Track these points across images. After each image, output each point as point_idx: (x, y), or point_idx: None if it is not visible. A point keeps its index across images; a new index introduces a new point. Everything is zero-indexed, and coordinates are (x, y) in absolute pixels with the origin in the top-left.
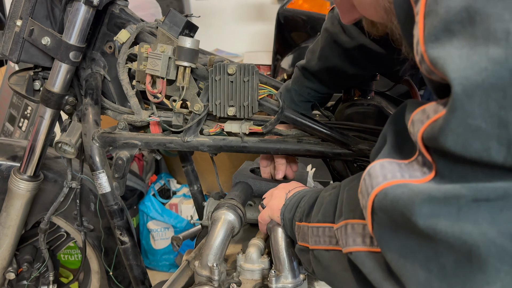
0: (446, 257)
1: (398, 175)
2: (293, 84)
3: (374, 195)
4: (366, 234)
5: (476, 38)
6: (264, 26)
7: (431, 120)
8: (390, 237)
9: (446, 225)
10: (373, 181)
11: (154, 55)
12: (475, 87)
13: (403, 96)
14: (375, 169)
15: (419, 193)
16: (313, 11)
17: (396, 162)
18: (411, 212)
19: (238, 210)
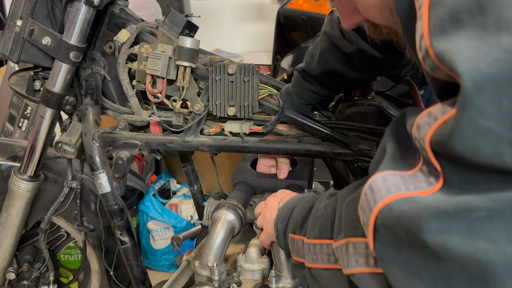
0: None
1: (402, 187)
2: (294, 87)
3: (378, 211)
4: (370, 254)
5: (487, 27)
6: (264, 26)
7: (440, 122)
8: (394, 257)
9: (458, 242)
10: (375, 196)
11: (154, 55)
12: (487, 80)
13: (404, 96)
14: (377, 182)
15: (427, 206)
16: (313, 11)
17: (399, 174)
18: (419, 228)
19: (238, 210)
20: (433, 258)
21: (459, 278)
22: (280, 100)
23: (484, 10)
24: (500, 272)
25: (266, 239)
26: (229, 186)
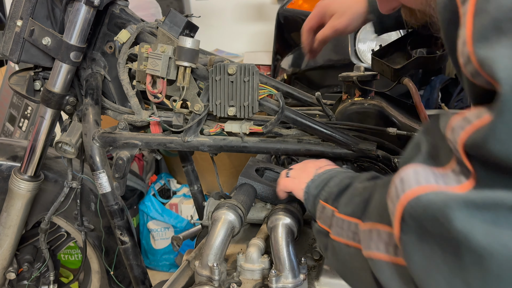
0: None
1: (432, 181)
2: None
3: (406, 201)
4: (391, 242)
5: None
6: (264, 26)
7: (475, 126)
8: (417, 247)
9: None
10: (405, 185)
11: (155, 55)
12: None
13: (404, 96)
14: (408, 174)
15: (455, 197)
16: None
17: (430, 170)
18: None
19: (238, 210)
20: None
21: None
22: (280, 100)
23: None
24: None
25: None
26: (229, 186)
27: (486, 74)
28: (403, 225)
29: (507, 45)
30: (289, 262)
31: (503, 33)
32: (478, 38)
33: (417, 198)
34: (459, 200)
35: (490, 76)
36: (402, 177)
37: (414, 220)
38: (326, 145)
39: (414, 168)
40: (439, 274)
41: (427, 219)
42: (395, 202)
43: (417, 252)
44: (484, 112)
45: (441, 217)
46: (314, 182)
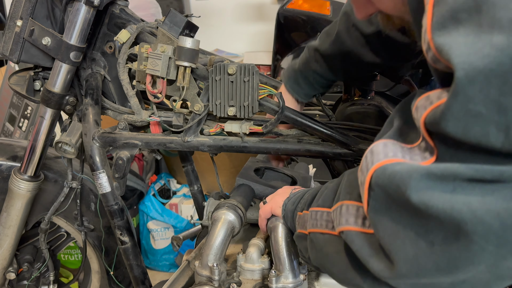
0: (435, 234)
1: (399, 155)
2: (300, 64)
3: (373, 171)
4: (359, 215)
5: (482, 26)
6: (264, 26)
7: (434, 105)
8: (384, 213)
9: (438, 201)
10: (374, 158)
11: (155, 55)
12: (477, 72)
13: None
14: (377, 147)
15: (418, 168)
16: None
17: (399, 144)
18: (406, 186)
19: (238, 210)
20: (416, 215)
21: (436, 233)
22: (280, 100)
23: (480, 10)
24: (470, 230)
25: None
26: (229, 186)
27: (443, 59)
28: (371, 193)
29: (464, 33)
30: (289, 262)
31: (460, 23)
32: (437, 26)
33: (383, 168)
34: (421, 171)
35: (447, 61)
36: (372, 149)
37: (380, 188)
38: (326, 145)
39: (384, 142)
40: (406, 236)
41: (392, 187)
42: (365, 173)
43: (384, 217)
44: (444, 93)
45: (403, 186)
46: (291, 200)
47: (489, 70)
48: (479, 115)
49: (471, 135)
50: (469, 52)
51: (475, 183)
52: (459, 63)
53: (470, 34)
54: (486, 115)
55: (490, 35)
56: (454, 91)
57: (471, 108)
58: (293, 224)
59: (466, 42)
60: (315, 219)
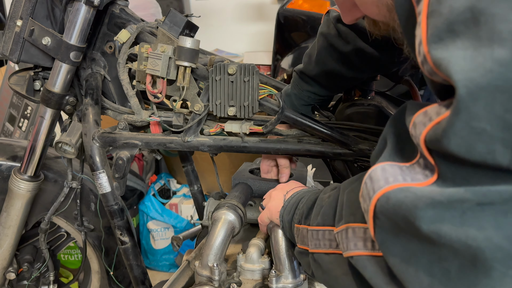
0: (450, 262)
1: (400, 178)
2: (293, 88)
3: (376, 199)
4: (368, 238)
5: (480, 39)
6: (264, 26)
7: (434, 122)
8: (393, 241)
9: (450, 229)
10: (374, 185)
11: (155, 55)
12: (480, 89)
13: (403, 96)
14: (376, 172)
15: (422, 197)
16: (313, 11)
17: (397, 165)
18: (414, 216)
19: (238, 210)
20: (428, 243)
21: (452, 261)
22: (280, 100)
23: (478, 22)
24: (488, 257)
25: (266, 218)
26: (229, 186)
27: (442, 74)
28: (376, 221)
29: (462, 46)
30: (289, 262)
31: (457, 35)
32: (432, 39)
33: (386, 197)
34: (426, 200)
35: (446, 76)
36: (371, 176)
37: (386, 217)
38: (326, 145)
39: (382, 166)
40: (418, 264)
41: (398, 217)
42: (367, 201)
43: (394, 245)
44: (443, 109)
45: (411, 216)
46: (286, 209)
47: (494, 87)
48: (483, 132)
49: (475, 153)
50: (469, 68)
51: (485, 206)
52: (460, 80)
53: (469, 47)
54: (491, 132)
55: (490, 49)
56: (456, 109)
57: (474, 126)
58: (291, 235)
59: (465, 56)
60: (317, 239)
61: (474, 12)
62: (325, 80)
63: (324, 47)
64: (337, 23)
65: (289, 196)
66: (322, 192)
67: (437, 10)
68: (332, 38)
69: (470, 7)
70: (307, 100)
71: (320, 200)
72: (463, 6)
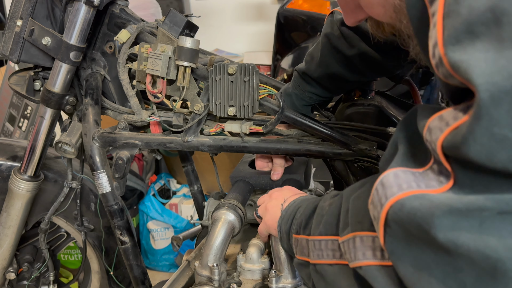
0: (467, 273)
1: (413, 184)
2: (293, 88)
3: (389, 206)
4: (377, 247)
5: (503, 40)
6: (264, 26)
7: (452, 127)
8: (404, 251)
9: (468, 238)
10: (387, 191)
11: (155, 55)
12: (504, 93)
13: (404, 96)
14: (388, 178)
15: (440, 204)
16: (313, 11)
17: (410, 171)
18: (430, 224)
19: (238, 210)
20: (443, 253)
21: (468, 272)
22: (280, 100)
23: (500, 23)
24: (509, 268)
25: (264, 230)
26: (229, 186)
27: (460, 77)
28: (387, 229)
29: (482, 49)
30: (289, 262)
31: (477, 37)
32: (450, 40)
33: (400, 204)
34: (443, 207)
35: (465, 80)
36: (383, 182)
37: (399, 225)
38: (326, 145)
39: (394, 172)
40: (431, 275)
41: (412, 225)
42: (378, 208)
43: (406, 255)
44: (460, 113)
45: (426, 224)
46: (283, 219)
47: None
48: (505, 139)
49: (496, 160)
50: (491, 71)
51: (506, 215)
52: (482, 84)
53: (490, 49)
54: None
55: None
56: (477, 114)
57: (496, 132)
58: (289, 245)
59: (486, 59)
60: (320, 250)
61: (495, 12)
62: (327, 82)
63: (328, 49)
64: (341, 26)
65: (286, 205)
66: (321, 201)
67: (455, 10)
68: (336, 41)
69: (492, 7)
70: (308, 100)
71: (320, 209)
72: (484, 6)
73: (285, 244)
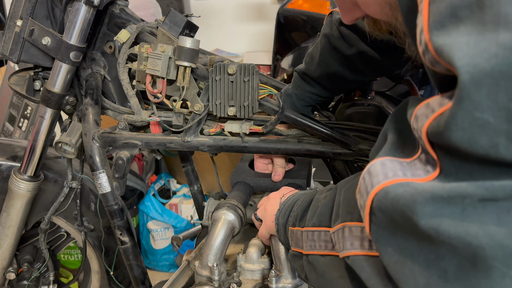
0: (448, 261)
1: (400, 173)
2: (294, 88)
3: (374, 194)
4: (365, 237)
5: (485, 23)
6: (264, 26)
7: (436, 113)
8: (388, 239)
9: (450, 225)
10: (373, 180)
11: (155, 55)
12: (484, 75)
13: (404, 96)
14: (375, 167)
15: (422, 191)
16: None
17: (397, 161)
18: (413, 211)
19: (238, 210)
20: (425, 241)
21: (450, 260)
22: (280, 100)
23: (483, 6)
24: (489, 256)
25: (265, 232)
26: (229, 186)
27: (444, 61)
28: (373, 217)
29: (465, 32)
30: (289, 262)
31: (461, 20)
32: (434, 25)
33: (384, 191)
34: (426, 194)
35: (448, 63)
36: (370, 170)
37: (383, 213)
38: (326, 145)
39: (381, 161)
40: (415, 263)
41: (396, 213)
42: (364, 196)
43: (390, 243)
44: (446, 100)
45: (409, 211)
46: (281, 212)
47: (498, 72)
48: (486, 124)
49: (478, 146)
50: (473, 53)
51: (487, 202)
52: (463, 66)
53: (473, 32)
54: (494, 124)
55: (495, 33)
56: (459, 97)
57: (477, 116)
58: (286, 238)
59: (468, 42)
60: (312, 240)
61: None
62: (327, 82)
63: (327, 49)
64: (340, 26)
65: (284, 199)
66: (318, 193)
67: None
68: (335, 41)
69: None
70: (308, 100)
71: (316, 201)
72: None
73: (282, 237)
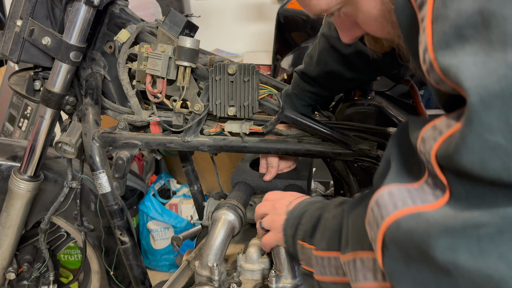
0: None
1: (409, 201)
2: (293, 89)
3: (386, 227)
4: (377, 268)
5: (492, 43)
6: (264, 26)
7: (445, 136)
8: (403, 272)
9: (468, 258)
10: (382, 211)
11: (155, 55)
12: (494, 96)
13: (404, 96)
14: (383, 198)
15: (435, 223)
16: None
17: (405, 188)
18: (428, 245)
19: (238, 210)
20: (443, 274)
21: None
22: (280, 100)
23: (489, 25)
24: None
25: (272, 241)
26: (229, 186)
27: (450, 82)
28: (385, 251)
29: (471, 52)
30: (289, 262)
31: (466, 40)
32: (439, 45)
33: (396, 224)
34: (440, 227)
35: (456, 84)
36: (378, 202)
37: (397, 246)
38: (326, 145)
39: (388, 190)
40: None
41: (410, 247)
42: (375, 229)
43: (404, 276)
44: (453, 121)
45: (424, 246)
46: (289, 222)
47: (508, 93)
48: (498, 146)
49: (490, 169)
50: (481, 74)
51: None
52: (472, 87)
53: (479, 52)
54: (506, 146)
55: (503, 53)
56: (468, 119)
57: (488, 139)
58: (294, 250)
59: (476, 62)
60: (322, 266)
61: (484, 15)
62: (326, 81)
63: (325, 49)
64: None
65: (291, 207)
66: (326, 210)
67: (443, 14)
68: (333, 40)
69: (480, 9)
70: (308, 100)
71: (325, 220)
72: (472, 9)
73: (291, 248)
